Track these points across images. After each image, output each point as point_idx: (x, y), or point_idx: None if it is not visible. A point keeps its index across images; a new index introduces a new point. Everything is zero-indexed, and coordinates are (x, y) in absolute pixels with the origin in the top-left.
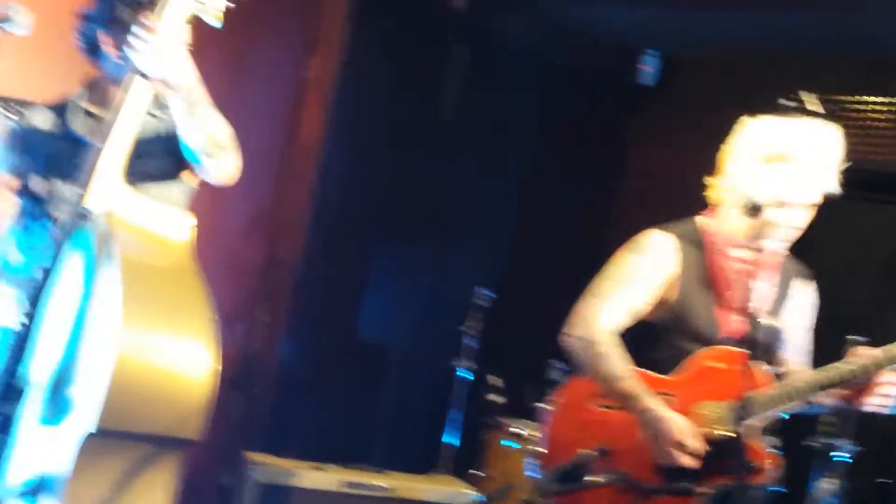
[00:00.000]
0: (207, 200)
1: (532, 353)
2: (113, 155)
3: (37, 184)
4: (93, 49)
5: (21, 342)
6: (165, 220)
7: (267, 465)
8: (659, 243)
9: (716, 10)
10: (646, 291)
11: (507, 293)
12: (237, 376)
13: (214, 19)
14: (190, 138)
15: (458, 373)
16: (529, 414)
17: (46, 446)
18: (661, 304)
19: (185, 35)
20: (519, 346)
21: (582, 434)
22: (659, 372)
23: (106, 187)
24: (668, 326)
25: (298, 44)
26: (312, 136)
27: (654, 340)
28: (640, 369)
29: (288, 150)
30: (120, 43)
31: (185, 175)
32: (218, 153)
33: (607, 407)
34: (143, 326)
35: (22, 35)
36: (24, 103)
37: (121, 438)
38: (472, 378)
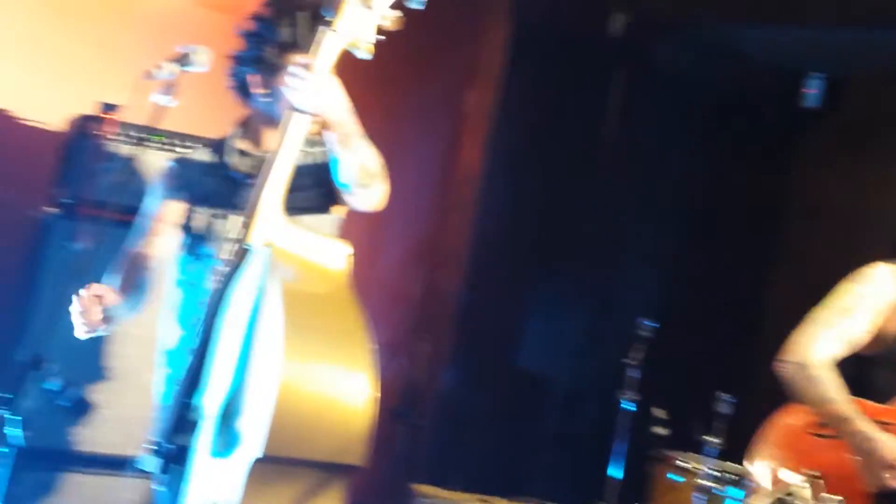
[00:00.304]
0: (367, 231)
1: (697, 384)
2: (274, 189)
3: (197, 220)
4: (243, 89)
5: (193, 375)
6: (323, 249)
7: (433, 498)
8: (881, 273)
9: (882, 28)
10: (865, 321)
11: (670, 323)
12: (400, 407)
13: (366, 52)
14: (344, 170)
15: (621, 405)
16: (696, 446)
17: (218, 478)
18: (882, 335)
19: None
20: (683, 377)
21: (795, 462)
22: (878, 402)
23: (267, 221)
24: (888, 357)
25: (456, 76)
26: (471, 167)
27: (874, 370)
28: (857, 398)
29: (447, 182)
30: (268, 83)
31: (334, 208)
32: (369, 183)
33: (821, 435)
34: (303, 354)
35: (201, 72)
36: (188, 139)
37: (286, 465)
38: (636, 410)
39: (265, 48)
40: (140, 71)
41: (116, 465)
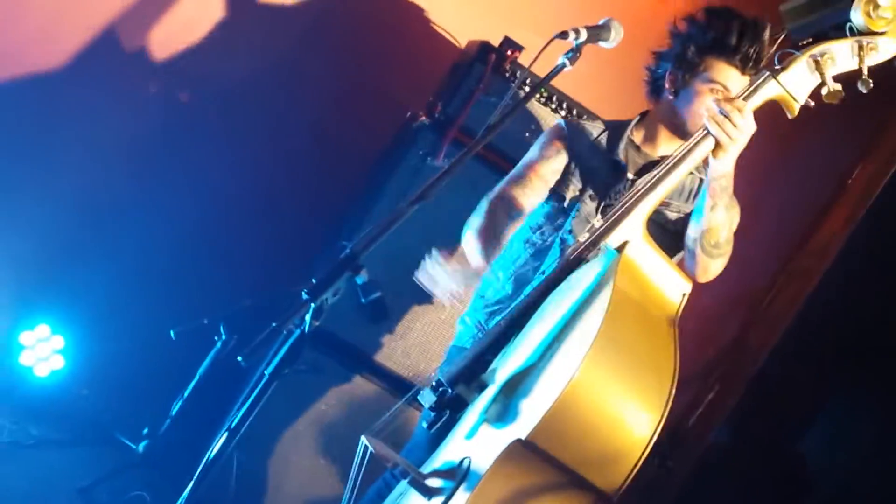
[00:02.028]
0: None
1: None
2: (652, 199)
3: (569, 190)
4: (656, 85)
5: (499, 337)
6: (666, 276)
7: None
8: None
9: None
10: None
11: None
12: (661, 441)
13: (791, 111)
14: (697, 223)
15: None
16: None
17: (478, 440)
18: None
19: None
20: None
21: None
22: None
23: (630, 226)
24: None
25: (850, 144)
26: (830, 241)
27: None
28: None
29: (799, 246)
30: (681, 82)
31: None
32: (713, 252)
33: None
34: (606, 364)
35: (607, 48)
36: (585, 112)
37: (541, 459)
38: None
39: (689, 47)
40: (560, 21)
41: (394, 383)
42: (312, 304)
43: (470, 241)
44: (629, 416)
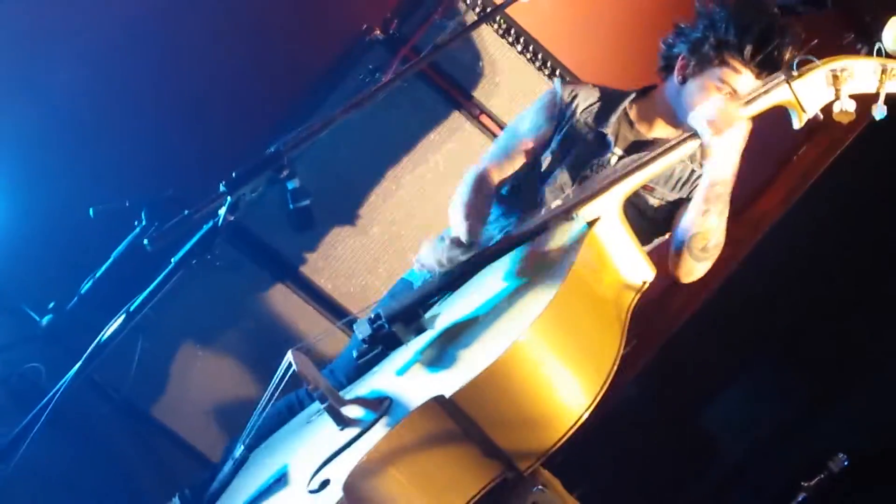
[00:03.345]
0: None
1: None
2: (634, 181)
3: (547, 154)
4: (668, 65)
5: (449, 284)
6: (631, 260)
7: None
8: None
9: None
10: None
11: (874, 468)
12: None
13: (798, 120)
14: (687, 225)
15: None
16: None
17: (405, 381)
18: None
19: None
20: None
21: None
22: None
23: (605, 204)
24: None
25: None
26: (767, 213)
27: None
28: None
29: (734, 215)
30: (691, 71)
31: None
32: (699, 256)
33: None
34: (550, 338)
35: None
36: (541, 49)
37: (461, 421)
38: None
39: (708, 37)
40: None
41: (318, 298)
42: (229, 197)
43: (457, 215)
44: (558, 395)
